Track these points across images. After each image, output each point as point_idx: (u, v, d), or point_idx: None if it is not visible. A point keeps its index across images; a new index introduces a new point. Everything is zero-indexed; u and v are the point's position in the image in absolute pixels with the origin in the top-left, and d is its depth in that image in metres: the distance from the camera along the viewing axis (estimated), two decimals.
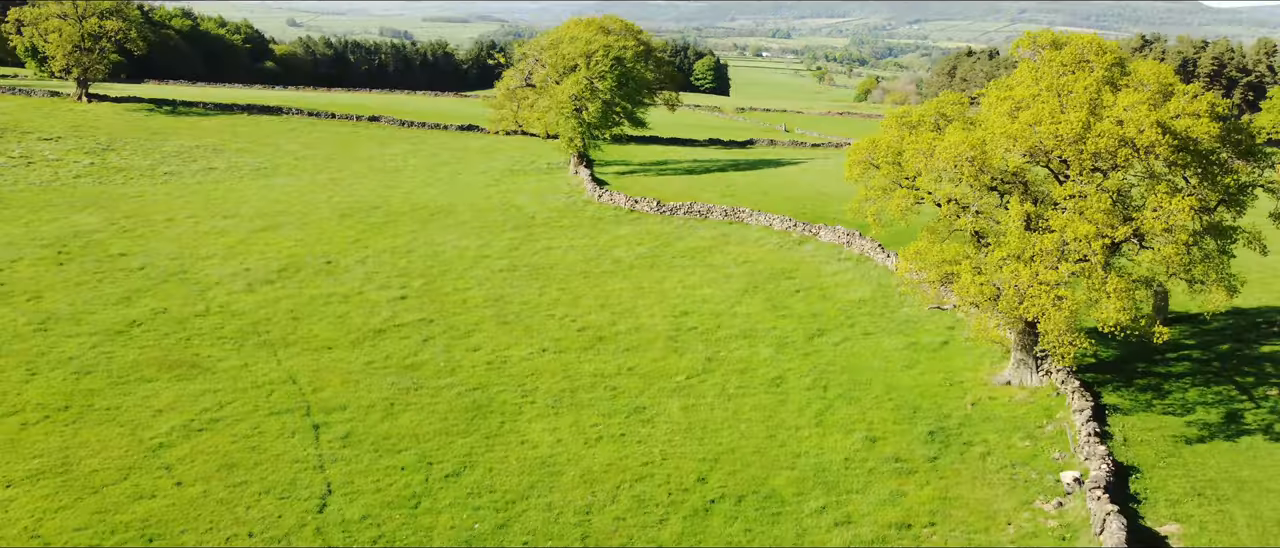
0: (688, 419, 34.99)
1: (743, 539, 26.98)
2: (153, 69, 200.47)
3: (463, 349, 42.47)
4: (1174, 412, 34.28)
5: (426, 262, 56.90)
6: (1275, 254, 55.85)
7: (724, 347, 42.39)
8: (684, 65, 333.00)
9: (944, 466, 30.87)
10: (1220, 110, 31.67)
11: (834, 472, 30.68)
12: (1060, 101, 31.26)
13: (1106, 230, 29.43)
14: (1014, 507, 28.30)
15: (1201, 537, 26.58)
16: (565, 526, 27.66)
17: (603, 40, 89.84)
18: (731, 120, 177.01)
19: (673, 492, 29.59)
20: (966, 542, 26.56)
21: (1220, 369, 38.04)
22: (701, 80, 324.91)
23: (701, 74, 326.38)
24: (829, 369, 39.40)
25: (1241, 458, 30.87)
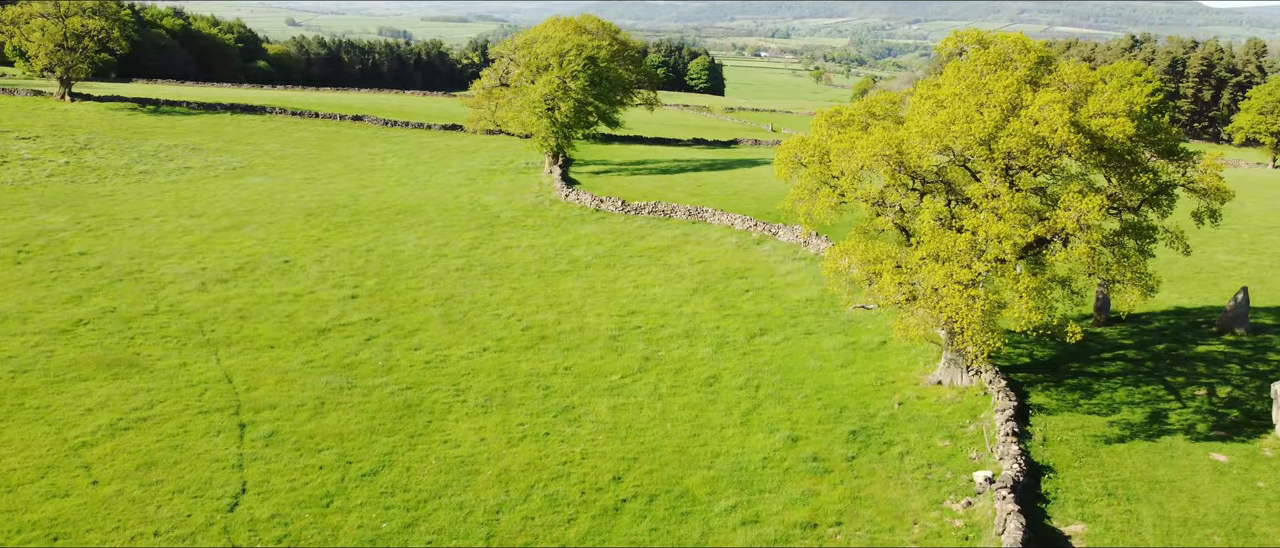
0: (615, 419, 35.01)
1: (647, 539, 26.99)
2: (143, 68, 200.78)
3: (403, 348, 42.51)
4: (1099, 412, 34.27)
5: (384, 261, 56.96)
6: (1223, 253, 55.93)
7: (664, 346, 42.40)
8: (678, 65, 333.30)
9: (861, 465, 30.88)
10: (1138, 110, 31.64)
11: (750, 471, 30.69)
12: (980, 101, 31.24)
13: (1020, 230, 29.42)
14: (923, 507, 28.30)
15: (1106, 537, 26.58)
16: (473, 525, 27.69)
17: (576, 40, 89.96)
18: (719, 120, 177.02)
19: (587, 491, 29.61)
20: (870, 542, 26.55)
21: (1153, 369, 38.03)
22: (696, 80, 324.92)
23: (696, 74, 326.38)
24: (764, 369, 39.41)
25: (1159, 458, 30.87)
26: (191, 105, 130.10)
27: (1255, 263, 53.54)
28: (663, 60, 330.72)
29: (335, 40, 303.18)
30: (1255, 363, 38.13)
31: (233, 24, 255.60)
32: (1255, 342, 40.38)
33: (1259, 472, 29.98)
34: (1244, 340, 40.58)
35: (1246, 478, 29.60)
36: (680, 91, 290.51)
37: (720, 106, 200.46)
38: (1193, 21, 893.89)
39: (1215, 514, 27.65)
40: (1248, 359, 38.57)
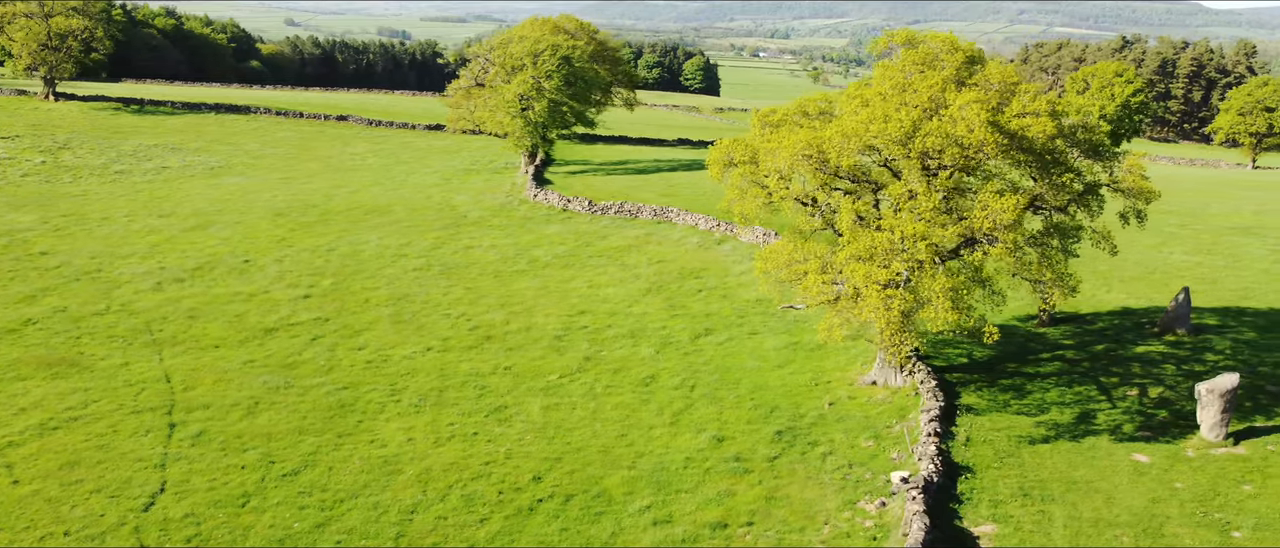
0: (545, 419, 35.03)
1: (557, 539, 27.00)
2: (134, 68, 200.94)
3: (347, 348, 42.55)
4: (1028, 412, 34.25)
5: (343, 261, 57.02)
6: (1181, 254, 55.86)
7: (607, 347, 42.42)
8: (673, 66, 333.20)
9: (782, 466, 30.88)
10: (1060, 110, 31.59)
11: (672, 472, 30.70)
12: (903, 100, 31.24)
13: (937, 230, 29.40)
14: (837, 507, 28.30)
15: (1015, 537, 26.57)
16: (385, 525, 27.71)
17: (552, 39, 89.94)
18: (707, 121, 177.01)
19: (505, 491, 29.63)
20: (778, 542, 26.56)
21: (1089, 370, 38.01)
22: (691, 80, 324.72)
23: (691, 74, 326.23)
24: (703, 369, 39.42)
25: (1080, 458, 30.86)
26: (176, 105, 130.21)
27: (1210, 264, 53.50)
28: (658, 61, 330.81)
29: (329, 40, 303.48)
30: (1191, 364, 38.10)
31: (226, 24, 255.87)
32: (1195, 342, 40.35)
33: (1178, 473, 29.95)
34: (1184, 341, 40.54)
35: (1165, 479, 29.57)
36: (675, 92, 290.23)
37: (711, 107, 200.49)
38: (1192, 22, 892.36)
39: (1128, 515, 27.62)
40: (1184, 360, 38.54)
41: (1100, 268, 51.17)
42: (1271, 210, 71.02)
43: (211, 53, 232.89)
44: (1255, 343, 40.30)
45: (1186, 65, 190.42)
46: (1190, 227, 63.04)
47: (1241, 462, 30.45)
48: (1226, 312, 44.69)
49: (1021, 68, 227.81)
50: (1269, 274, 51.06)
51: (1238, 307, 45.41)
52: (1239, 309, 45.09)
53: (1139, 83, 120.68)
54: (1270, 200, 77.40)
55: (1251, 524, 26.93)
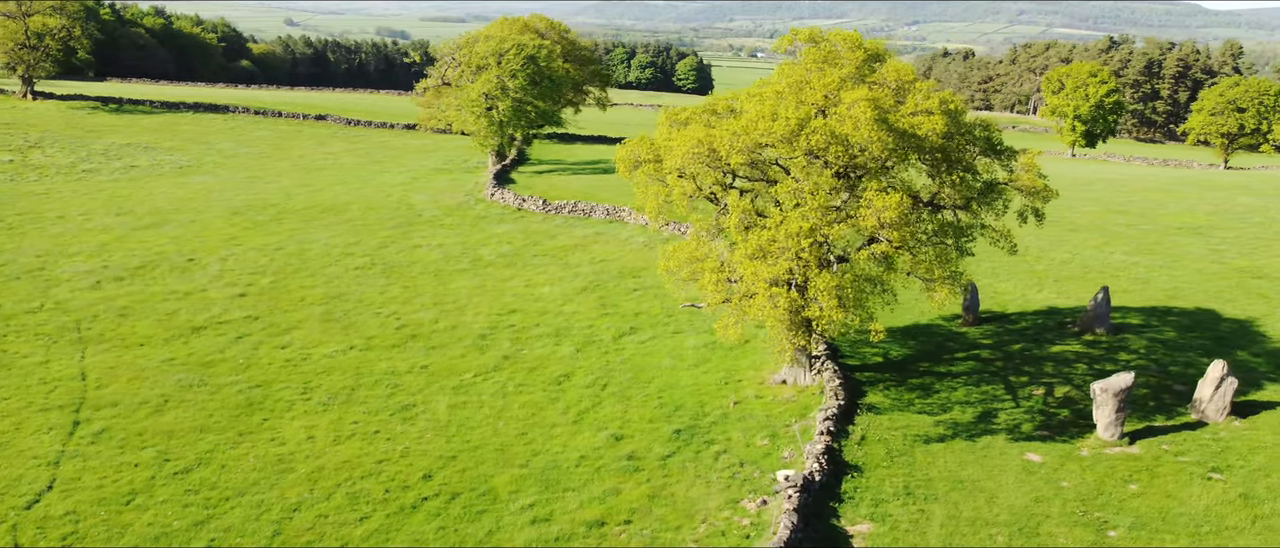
0: (450, 417, 35.04)
1: (433, 537, 27.00)
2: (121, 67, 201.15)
3: (271, 347, 42.57)
4: (931, 411, 34.22)
5: (288, 259, 57.06)
6: (1120, 254, 55.78)
7: (529, 345, 42.43)
8: (666, 66, 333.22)
9: (673, 464, 30.86)
10: (953, 107, 31.53)
11: (563, 470, 30.69)
12: (799, 98, 31.21)
13: (825, 228, 29.36)
14: (719, 506, 28.27)
15: (889, 536, 26.54)
16: (264, 523, 27.71)
17: (518, 39, 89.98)
18: None
19: (392, 489, 29.63)
20: (651, 541, 26.54)
21: (1001, 369, 37.97)
22: (684, 81, 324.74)
23: (684, 74, 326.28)
24: (618, 368, 39.42)
25: (972, 458, 30.83)
26: (154, 104, 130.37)
27: (1147, 263, 53.43)
28: (650, 61, 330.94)
29: (321, 40, 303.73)
30: (1103, 363, 38.05)
31: (216, 23, 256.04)
32: (1112, 342, 40.29)
33: (1067, 472, 29.91)
34: (1102, 341, 40.49)
35: (1053, 478, 29.54)
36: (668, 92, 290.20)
37: None
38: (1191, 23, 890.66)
39: (1008, 514, 27.58)
40: (1098, 359, 38.49)
41: (1038, 268, 51.18)
42: (1224, 211, 70.92)
43: (201, 52, 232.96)
44: (1172, 343, 40.25)
45: (1172, 66, 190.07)
46: (1138, 226, 62.97)
47: (1132, 461, 30.41)
48: (1152, 311, 44.63)
49: (1010, 68, 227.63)
50: (1203, 274, 50.99)
51: (1165, 306, 45.36)
52: (1166, 309, 45.04)
53: (1113, 83, 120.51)
54: (1226, 200, 77.30)
55: (1129, 524, 26.89)
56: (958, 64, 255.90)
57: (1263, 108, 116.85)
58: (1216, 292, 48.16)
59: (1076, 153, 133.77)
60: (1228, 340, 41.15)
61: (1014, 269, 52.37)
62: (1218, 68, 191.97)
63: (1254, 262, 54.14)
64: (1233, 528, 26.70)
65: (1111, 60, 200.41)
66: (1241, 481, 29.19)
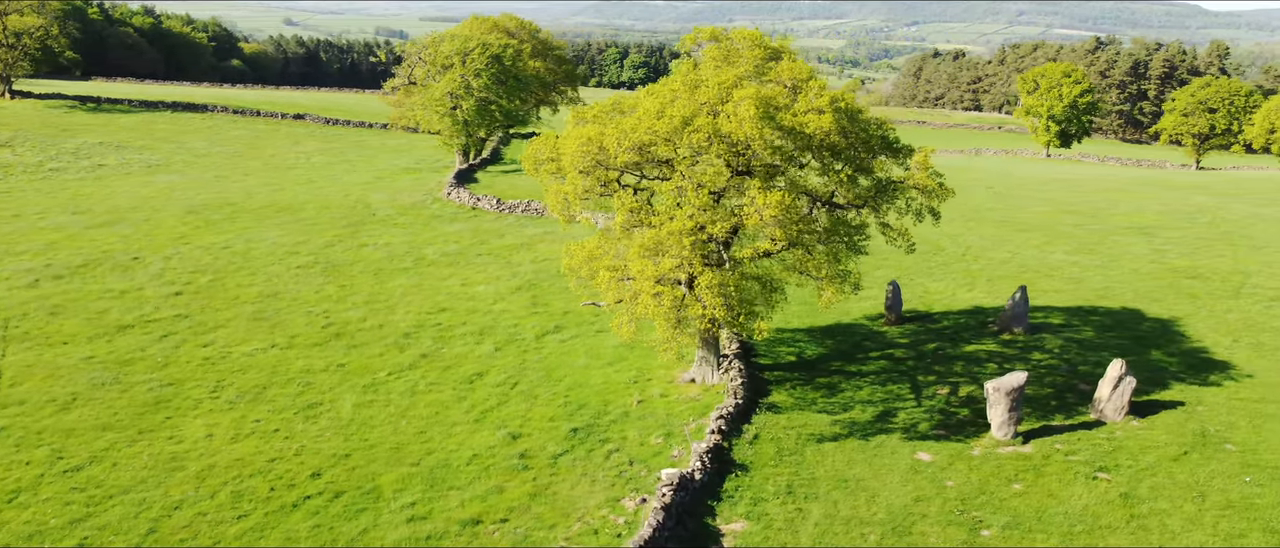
0: (354, 415, 35.03)
1: (307, 536, 26.99)
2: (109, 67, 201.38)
3: (193, 346, 42.58)
4: (831, 411, 34.17)
5: (231, 258, 57.09)
6: (1061, 254, 55.67)
7: (450, 344, 42.43)
8: (659, 66, 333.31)
9: (563, 463, 30.84)
10: (844, 105, 31.45)
11: (452, 469, 30.68)
12: (693, 97, 31.18)
13: (710, 226, 29.32)
14: (599, 504, 28.25)
15: (761, 535, 26.51)
16: (141, 521, 27.71)
17: (483, 38, 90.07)
18: None
19: (277, 488, 29.63)
20: (522, 539, 26.52)
21: (912, 368, 37.92)
22: None
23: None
24: (532, 367, 39.41)
25: (862, 457, 30.78)
26: (133, 103, 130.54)
27: (1085, 262, 53.32)
28: (644, 61, 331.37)
29: (313, 39, 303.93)
30: (1015, 362, 37.97)
31: (207, 22, 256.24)
32: (1027, 341, 40.22)
33: (955, 471, 29.86)
34: (1018, 340, 40.41)
35: (939, 477, 29.49)
36: None
37: None
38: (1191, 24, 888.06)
39: (885, 513, 27.54)
40: (1010, 359, 38.42)
41: (974, 267, 51.11)
42: (1175, 211, 70.77)
43: (190, 52, 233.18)
44: (1088, 342, 40.17)
45: (1159, 67, 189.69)
46: (1086, 226, 62.86)
47: (1021, 460, 30.36)
48: (1077, 311, 44.55)
49: (998, 68, 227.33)
50: (1137, 274, 50.89)
51: (1091, 306, 45.26)
52: (1091, 308, 44.95)
53: (1087, 83, 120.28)
54: (1180, 200, 77.13)
55: (1003, 523, 26.85)
56: (947, 64, 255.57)
57: (1233, 108, 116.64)
58: (1147, 291, 48.05)
59: (1051, 153, 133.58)
60: (1145, 340, 41.06)
61: (949, 268, 52.34)
62: (1204, 68, 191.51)
63: (1192, 262, 54.02)
64: (1106, 527, 26.64)
65: (1098, 61, 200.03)
66: (1126, 480, 29.13)
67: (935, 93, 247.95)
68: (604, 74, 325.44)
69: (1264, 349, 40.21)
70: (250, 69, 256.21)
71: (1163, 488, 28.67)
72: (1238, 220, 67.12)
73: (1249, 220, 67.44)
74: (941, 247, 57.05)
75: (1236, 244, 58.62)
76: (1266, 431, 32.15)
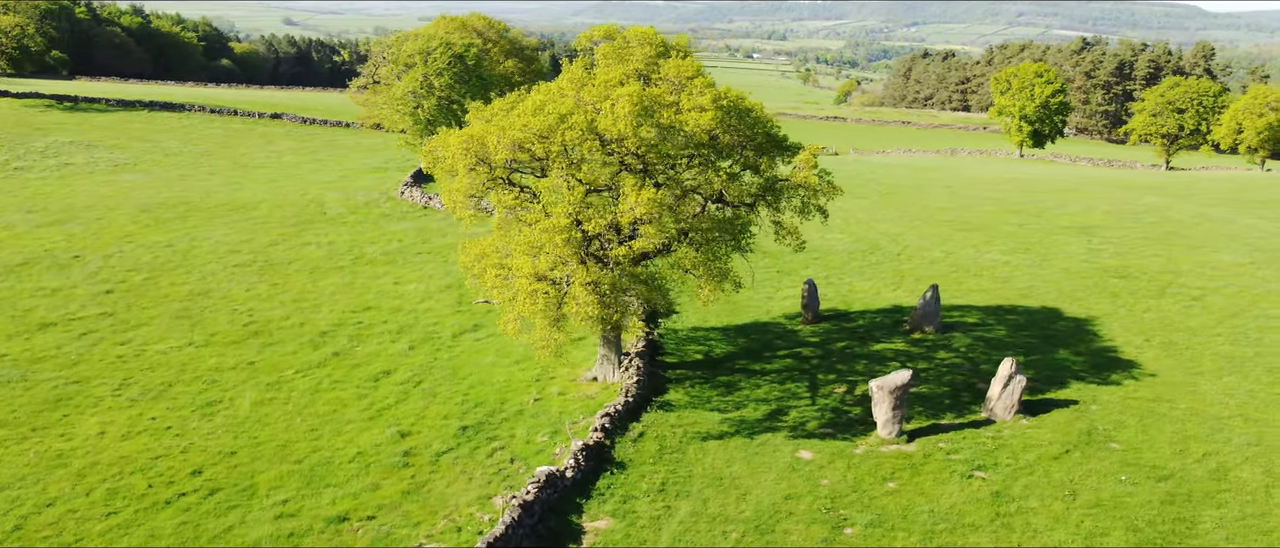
0: (252, 413, 35.05)
1: (171, 533, 27.00)
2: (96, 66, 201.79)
3: (110, 344, 42.63)
4: (724, 409, 34.14)
5: (171, 256, 57.18)
6: (996, 253, 55.56)
7: (366, 342, 42.44)
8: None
9: (445, 460, 30.84)
10: (727, 104, 31.39)
11: (334, 467, 30.68)
12: (579, 95, 31.17)
13: (586, 224, 29.29)
14: (469, 502, 28.25)
15: (622, 532, 26.49)
16: (10, 518, 27.72)
17: (448, 37, 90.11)
18: None
19: (155, 485, 29.64)
20: (385, 536, 26.52)
21: (816, 366, 37.87)
22: None
23: None
24: (440, 365, 39.42)
25: (743, 455, 30.74)
26: (110, 102, 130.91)
27: (1018, 262, 53.22)
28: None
29: (305, 38, 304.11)
30: (918, 361, 37.92)
31: (197, 22, 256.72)
32: (936, 340, 40.16)
33: (833, 469, 29.81)
34: (927, 339, 40.35)
35: (815, 476, 29.44)
36: None
37: None
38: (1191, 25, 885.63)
39: (753, 511, 27.50)
40: (915, 357, 38.36)
41: (905, 267, 51.06)
42: (1123, 210, 70.61)
43: (179, 51, 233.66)
44: (997, 341, 40.11)
45: (1144, 67, 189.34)
46: (1028, 226, 62.75)
47: (901, 459, 30.31)
48: (995, 310, 44.47)
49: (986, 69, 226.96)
50: (1066, 273, 50.79)
51: (1011, 305, 45.18)
52: (1011, 307, 44.87)
53: (1058, 84, 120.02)
54: (1131, 200, 76.90)
55: (867, 521, 26.80)
56: (936, 65, 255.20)
57: (1201, 109, 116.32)
58: (1070, 291, 47.95)
59: (1025, 153, 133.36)
60: (1055, 339, 40.98)
61: (881, 267, 52.29)
62: (1190, 69, 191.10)
63: (1124, 261, 53.89)
64: (969, 526, 26.58)
65: (1083, 61, 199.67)
66: (1002, 479, 29.08)
67: (925, 93, 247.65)
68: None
69: (1174, 349, 40.12)
70: (240, 69, 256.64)
71: (1036, 487, 28.60)
72: (1182, 220, 66.96)
73: (1194, 221, 67.28)
74: (879, 246, 56.98)
75: (1174, 244, 58.47)
76: (1154, 430, 32.07)
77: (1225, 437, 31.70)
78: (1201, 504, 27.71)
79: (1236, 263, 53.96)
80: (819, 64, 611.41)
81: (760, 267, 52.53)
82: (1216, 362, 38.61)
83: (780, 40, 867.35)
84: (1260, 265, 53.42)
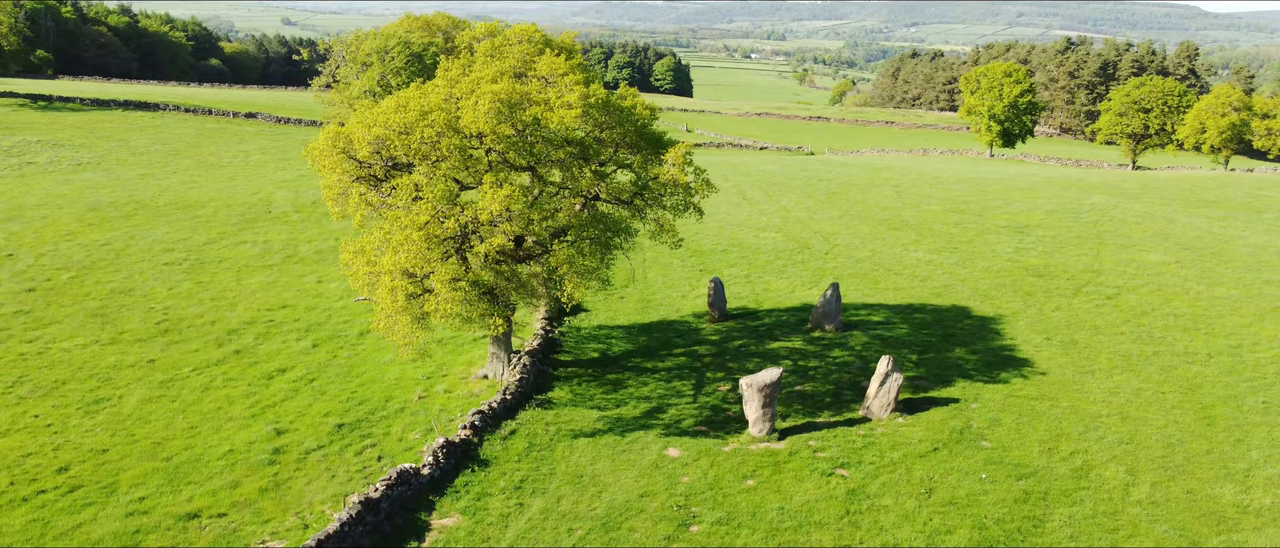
0: (137, 411, 35.04)
1: (20, 531, 26.98)
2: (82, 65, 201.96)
3: (18, 342, 42.64)
4: (604, 407, 34.09)
5: (103, 255, 57.21)
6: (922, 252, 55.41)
7: (270, 341, 42.43)
8: (643, 66, 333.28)
9: (313, 458, 30.83)
10: (594, 101, 31.30)
11: (202, 464, 30.67)
12: (451, 92, 31.13)
13: (447, 222, 29.25)
14: (326, 499, 28.22)
15: (467, 530, 26.47)
16: None
17: (404, 36, 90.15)
18: None
19: (17, 482, 29.63)
20: (228, 535, 26.49)
21: (707, 364, 37.81)
22: (661, 81, 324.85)
23: (661, 75, 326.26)
24: (337, 363, 39.40)
25: (609, 452, 30.70)
26: (85, 101, 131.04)
27: (942, 261, 53.07)
28: (628, 62, 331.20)
29: (296, 38, 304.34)
30: (810, 359, 37.84)
31: (187, 22, 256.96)
32: (833, 338, 40.07)
33: (697, 467, 29.75)
34: (826, 337, 40.27)
35: (677, 474, 29.39)
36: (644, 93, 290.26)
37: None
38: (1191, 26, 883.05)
39: (605, 508, 27.46)
40: (808, 355, 38.27)
41: (827, 265, 50.97)
42: (1065, 210, 70.39)
43: (167, 51, 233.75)
44: (896, 339, 40.00)
45: (1127, 67, 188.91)
46: (964, 226, 62.63)
47: (767, 457, 30.24)
48: (904, 308, 44.36)
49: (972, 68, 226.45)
50: (987, 271, 50.69)
51: (921, 304, 45.08)
52: (921, 306, 44.77)
53: (1027, 83, 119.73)
54: (1077, 200, 76.57)
55: (715, 519, 26.75)
56: (924, 65, 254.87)
57: (1166, 108, 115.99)
58: (985, 289, 47.80)
59: (995, 153, 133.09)
60: (955, 337, 40.87)
61: (804, 266, 52.18)
62: (1173, 69, 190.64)
63: (1047, 260, 53.71)
64: (816, 523, 26.51)
65: (1068, 61, 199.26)
66: (862, 477, 29.00)
67: (913, 93, 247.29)
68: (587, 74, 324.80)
69: (1073, 347, 39.98)
70: (230, 69, 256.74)
71: (895, 485, 28.52)
72: (1124, 220, 66.74)
73: (1136, 220, 67.07)
74: (809, 244, 56.86)
75: (1105, 243, 58.29)
76: (1027, 428, 31.97)
77: (1098, 435, 31.59)
78: (1056, 503, 27.62)
79: (1161, 262, 53.79)
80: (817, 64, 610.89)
81: (687, 266, 52.49)
82: (1112, 360, 38.48)
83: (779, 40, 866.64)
84: (1184, 264, 53.25)
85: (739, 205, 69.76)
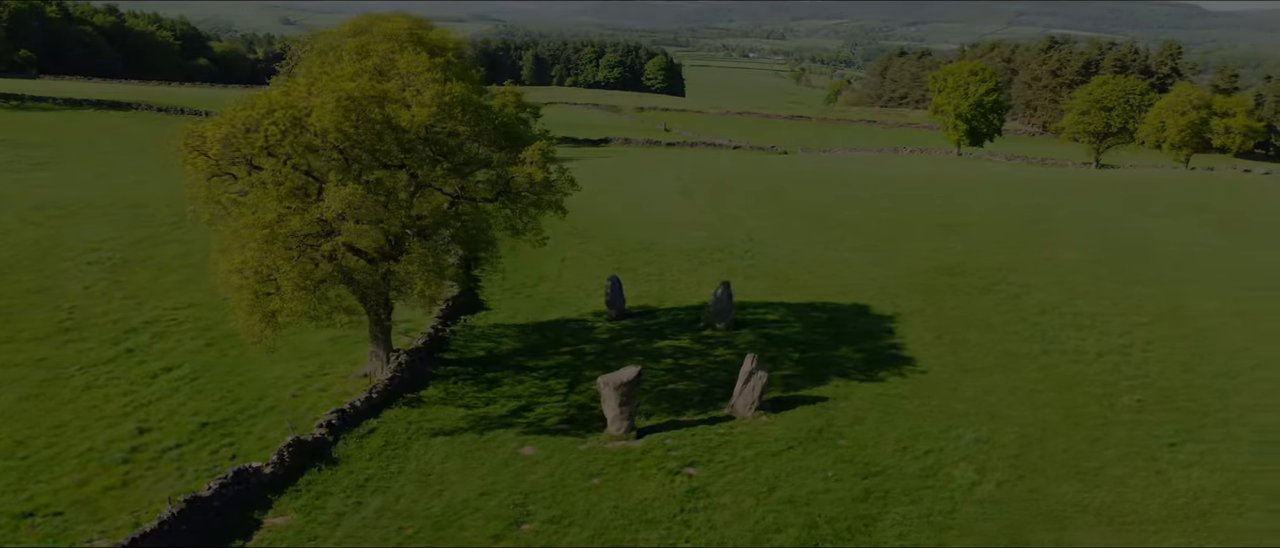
0: (10, 410, 34.99)
1: None
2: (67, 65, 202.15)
3: None
4: (473, 405, 34.07)
5: (28, 253, 57.23)
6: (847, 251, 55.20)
7: (168, 340, 42.40)
8: (635, 65, 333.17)
9: (168, 457, 30.80)
10: (450, 99, 31.22)
11: (57, 463, 30.62)
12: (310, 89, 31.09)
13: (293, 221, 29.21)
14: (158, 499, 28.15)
15: (297, 528, 26.44)
16: None
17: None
18: (618, 119, 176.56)
19: None
20: (57, 534, 26.45)
21: (589, 362, 37.74)
22: (652, 80, 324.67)
23: (652, 74, 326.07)
24: (224, 363, 39.35)
25: (463, 451, 30.74)
26: (57, 101, 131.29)
27: (858, 260, 52.93)
28: (619, 61, 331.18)
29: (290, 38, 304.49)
30: (691, 358, 37.74)
31: (174, 21, 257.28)
32: (719, 336, 40.00)
33: (548, 465, 29.73)
34: (715, 335, 40.20)
35: (524, 472, 29.36)
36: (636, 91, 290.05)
37: (632, 106, 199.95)
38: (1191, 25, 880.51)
39: (442, 508, 27.43)
40: (692, 353, 38.23)
41: (741, 265, 50.89)
42: (1004, 208, 70.18)
43: (154, 50, 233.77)
44: (784, 338, 39.92)
45: (1110, 66, 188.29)
46: (896, 224, 62.46)
47: (619, 455, 30.18)
48: (802, 306, 44.26)
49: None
50: (894, 270, 50.64)
51: (822, 302, 44.97)
52: (820, 304, 44.66)
53: (992, 83, 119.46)
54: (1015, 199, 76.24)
55: (547, 517, 26.70)
56: (911, 64, 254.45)
57: (1128, 106, 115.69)
58: (891, 288, 47.64)
59: (962, 151, 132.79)
60: (845, 336, 40.73)
61: (718, 265, 52.09)
62: (1156, 68, 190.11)
63: (963, 259, 53.47)
64: (647, 521, 26.44)
65: (1051, 59, 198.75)
66: (707, 475, 28.91)
67: (899, 92, 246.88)
68: (579, 73, 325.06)
69: (963, 345, 39.83)
70: (219, 68, 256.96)
71: (739, 484, 28.42)
72: (1059, 218, 66.49)
73: (1073, 218, 66.80)
74: (731, 243, 56.78)
75: (1027, 242, 58.05)
76: (888, 427, 31.85)
77: (957, 434, 31.46)
78: (895, 502, 27.51)
79: (1078, 260, 53.56)
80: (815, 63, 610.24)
81: (604, 265, 52.41)
82: (996, 359, 38.34)
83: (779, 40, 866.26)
84: (1102, 263, 53.02)
85: (679, 204, 69.69)
